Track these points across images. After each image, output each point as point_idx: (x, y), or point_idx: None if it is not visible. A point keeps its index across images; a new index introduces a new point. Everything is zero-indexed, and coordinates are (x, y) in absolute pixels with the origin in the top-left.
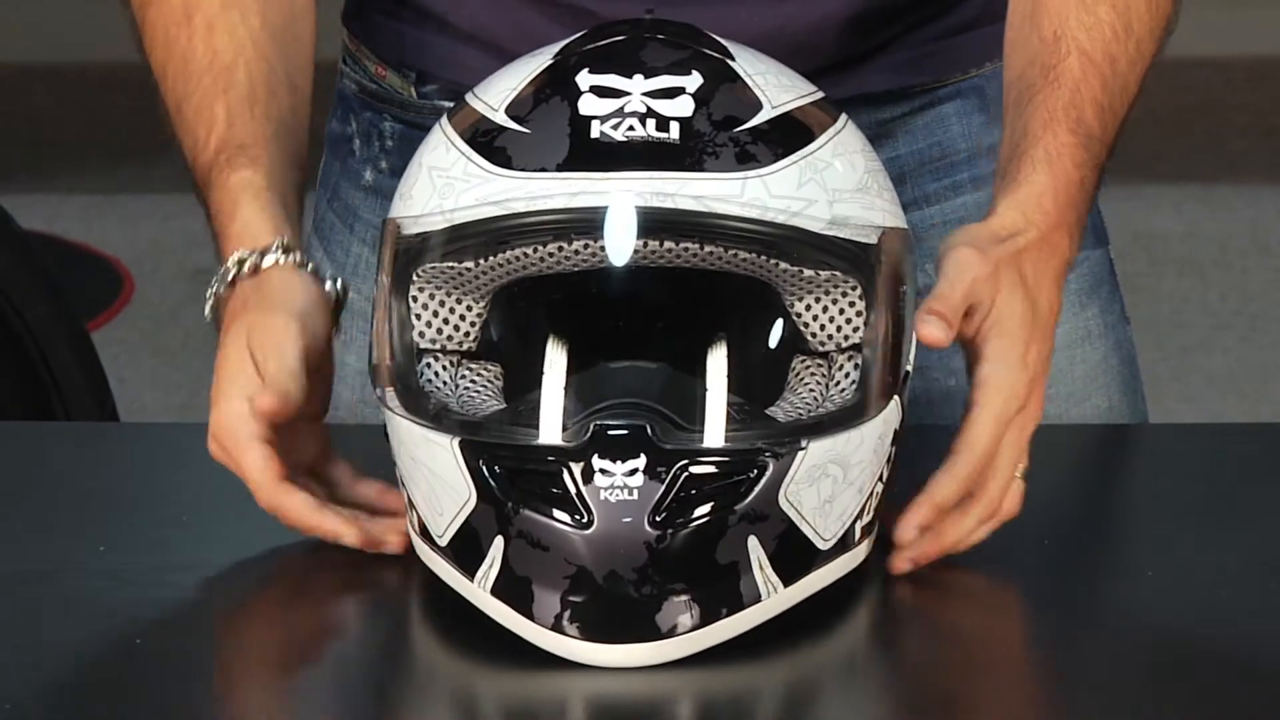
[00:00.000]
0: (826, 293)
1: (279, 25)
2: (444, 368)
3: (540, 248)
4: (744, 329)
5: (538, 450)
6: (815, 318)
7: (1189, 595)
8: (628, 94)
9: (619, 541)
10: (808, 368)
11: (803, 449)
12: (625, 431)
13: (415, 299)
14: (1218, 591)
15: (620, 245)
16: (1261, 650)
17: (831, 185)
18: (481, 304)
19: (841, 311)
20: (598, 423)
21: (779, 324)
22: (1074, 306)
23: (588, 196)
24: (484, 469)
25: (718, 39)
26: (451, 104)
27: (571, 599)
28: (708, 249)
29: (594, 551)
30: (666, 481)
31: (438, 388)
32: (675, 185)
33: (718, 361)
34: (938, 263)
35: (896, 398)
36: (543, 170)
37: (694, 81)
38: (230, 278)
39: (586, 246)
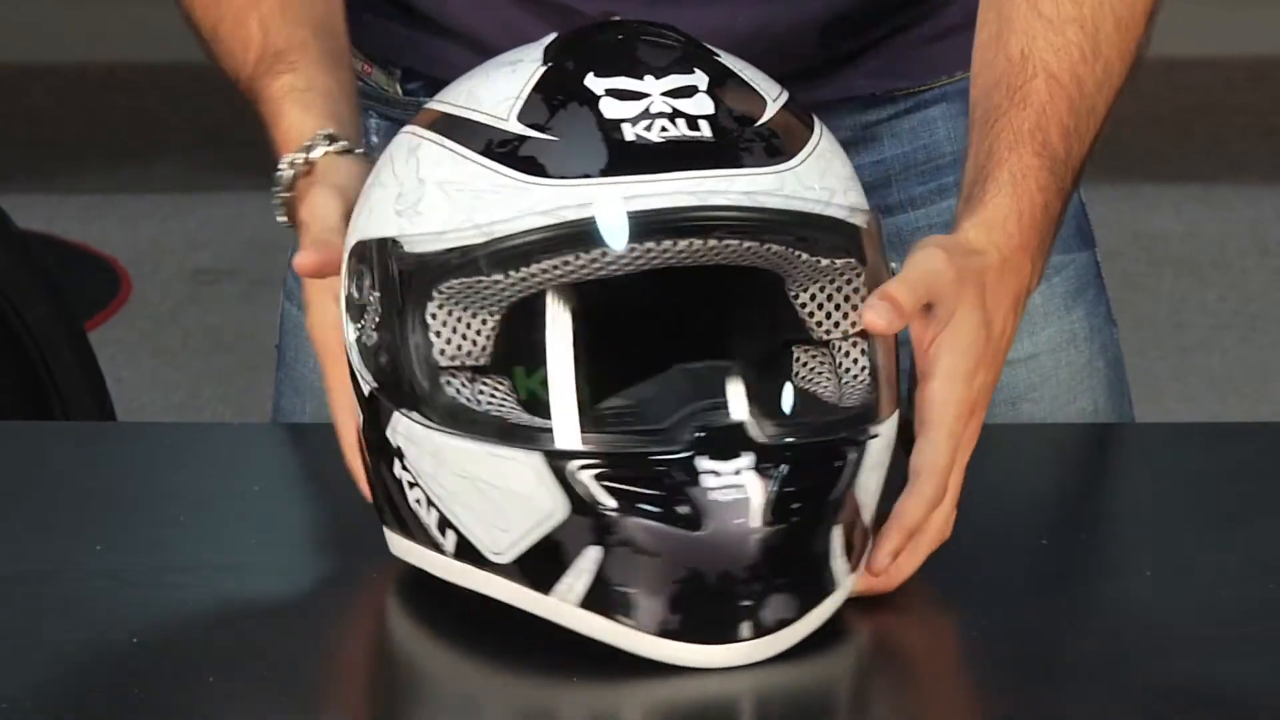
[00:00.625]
0: (832, 280)
1: None
2: (463, 384)
3: (583, 254)
4: (764, 321)
5: (637, 456)
6: (820, 306)
7: (1188, 595)
8: (647, 95)
9: (731, 541)
10: (814, 357)
11: (874, 437)
12: (727, 430)
13: (434, 316)
14: (1217, 591)
15: (679, 245)
16: (1261, 651)
17: (839, 175)
18: (496, 317)
19: (847, 299)
20: (698, 423)
21: (790, 314)
22: (1060, 310)
23: (640, 200)
24: (580, 480)
25: (693, 37)
26: None
27: (681, 602)
28: (746, 244)
29: (706, 552)
30: (772, 477)
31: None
32: (725, 183)
33: (776, 357)
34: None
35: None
36: (585, 176)
37: (702, 79)
38: (287, 181)
39: (632, 250)
